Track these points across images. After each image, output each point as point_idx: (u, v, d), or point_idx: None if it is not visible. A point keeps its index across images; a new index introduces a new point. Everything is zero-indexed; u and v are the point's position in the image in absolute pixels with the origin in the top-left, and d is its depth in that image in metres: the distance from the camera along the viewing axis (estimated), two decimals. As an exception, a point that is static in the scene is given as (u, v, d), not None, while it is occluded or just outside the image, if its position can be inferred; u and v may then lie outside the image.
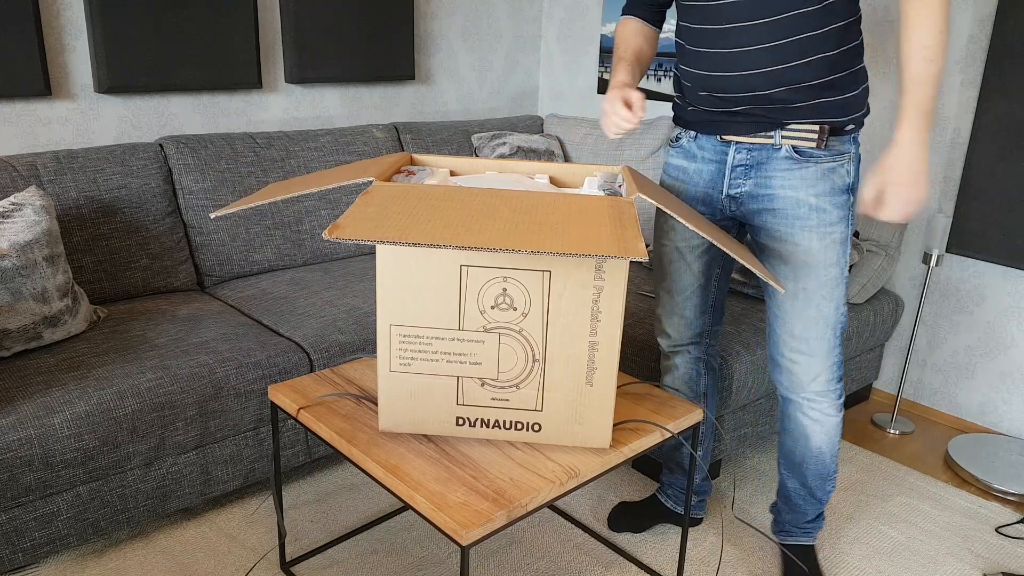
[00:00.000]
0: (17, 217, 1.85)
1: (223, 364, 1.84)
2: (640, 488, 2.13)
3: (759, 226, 1.56)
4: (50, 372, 1.73)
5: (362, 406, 1.53)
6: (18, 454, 1.56)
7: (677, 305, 1.72)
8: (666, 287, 1.72)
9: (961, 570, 1.87)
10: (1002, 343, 2.42)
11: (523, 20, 3.36)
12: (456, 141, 2.93)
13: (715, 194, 1.59)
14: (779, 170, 1.51)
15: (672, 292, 1.72)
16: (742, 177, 1.55)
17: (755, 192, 1.54)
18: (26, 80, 2.17)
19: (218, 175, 2.37)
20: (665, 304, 1.74)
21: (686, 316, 1.72)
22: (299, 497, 2.05)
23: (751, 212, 1.56)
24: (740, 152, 1.54)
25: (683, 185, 1.63)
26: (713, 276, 1.70)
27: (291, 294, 2.26)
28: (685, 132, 1.63)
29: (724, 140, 1.55)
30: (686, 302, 1.71)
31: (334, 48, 2.74)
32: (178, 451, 1.79)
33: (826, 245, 1.51)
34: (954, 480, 2.25)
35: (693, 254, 1.66)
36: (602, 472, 1.40)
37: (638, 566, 1.84)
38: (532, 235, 1.10)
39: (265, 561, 1.80)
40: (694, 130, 1.60)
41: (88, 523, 1.70)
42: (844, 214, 1.51)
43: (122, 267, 2.19)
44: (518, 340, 1.34)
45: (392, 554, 1.85)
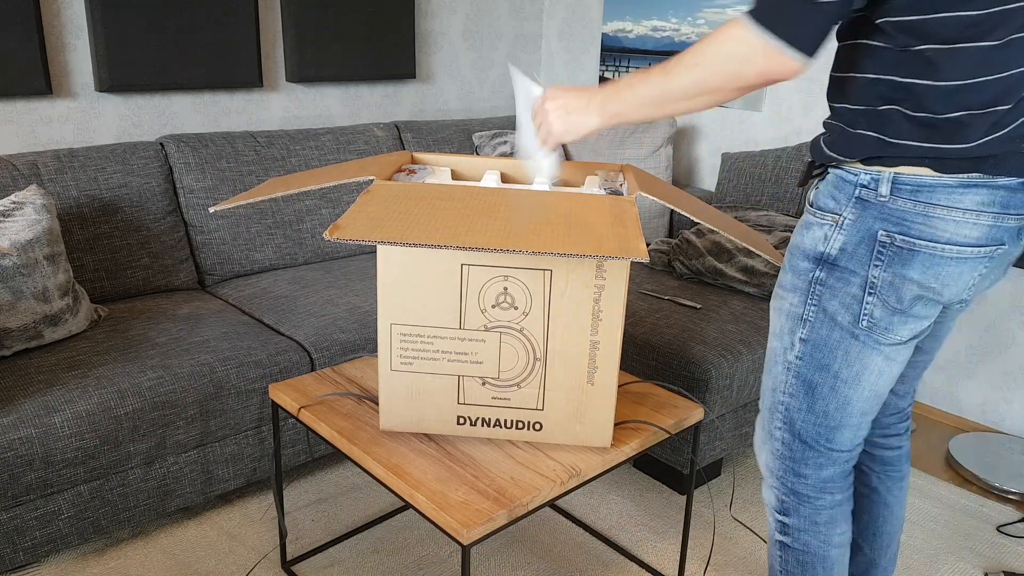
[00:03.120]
0: (18, 216, 1.85)
1: (224, 363, 1.83)
2: (641, 487, 2.13)
3: None
4: (51, 371, 1.73)
5: (363, 405, 1.53)
6: (19, 453, 1.56)
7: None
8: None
9: (962, 569, 1.87)
10: (1003, 342, 2.42)
11: (524, 19, 3.36)
12: (457, 140, 2.93)
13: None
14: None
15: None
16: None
17: None
18: (27, 79, 2.17)
19: (219, 174, 2.37)
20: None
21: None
22: (300, 496, 2.05)
23: None
24: None
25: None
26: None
27: (292, 293, 2.26)
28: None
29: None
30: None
31: (335, 47, 2.74)
32: (179, 450, 1.79)
33: (774, 307, 1.26)
34: (955, 479, 2.25)
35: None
36: (603, 471, 1.39)
37: (639, 565, 1.84)
38: (533, 235, 1.10)
39: (266, 560, 1.80)
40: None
41: (89, 522, 1.70)
42: (801, 286, 1.18)
43: (123, 266, 2.19)
44: (519, 339, 1.34)
45: (393, 553, 1.85)
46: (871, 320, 1.13)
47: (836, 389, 1.20)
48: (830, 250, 1.14)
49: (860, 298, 1.13)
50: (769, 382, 1.28)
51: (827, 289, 1.15)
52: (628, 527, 1.97)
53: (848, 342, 1.16)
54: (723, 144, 2.99)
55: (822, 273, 1.15)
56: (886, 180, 1.07)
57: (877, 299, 1.12)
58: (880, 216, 1.08)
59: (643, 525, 1.98)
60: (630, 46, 3.13)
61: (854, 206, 1.11)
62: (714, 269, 2.34)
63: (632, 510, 2.04)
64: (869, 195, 1.09)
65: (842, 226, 1.12)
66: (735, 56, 1.02)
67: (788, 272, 1.22)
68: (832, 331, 1.17)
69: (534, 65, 3.46)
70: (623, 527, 1.97)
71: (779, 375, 1.25)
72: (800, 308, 1.19)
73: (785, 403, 1.26)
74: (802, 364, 1.21)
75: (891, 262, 1.08)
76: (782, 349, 1.24)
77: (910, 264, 1.08)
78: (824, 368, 1.20)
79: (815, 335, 1.19)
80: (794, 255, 1.20)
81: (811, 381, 1.21)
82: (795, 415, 1.25)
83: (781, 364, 1.25)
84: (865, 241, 1.10)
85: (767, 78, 1.02)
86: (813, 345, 1.19)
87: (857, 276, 1.12)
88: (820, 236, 1.15)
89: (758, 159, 2.66)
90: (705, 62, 1.04)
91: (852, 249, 1.12)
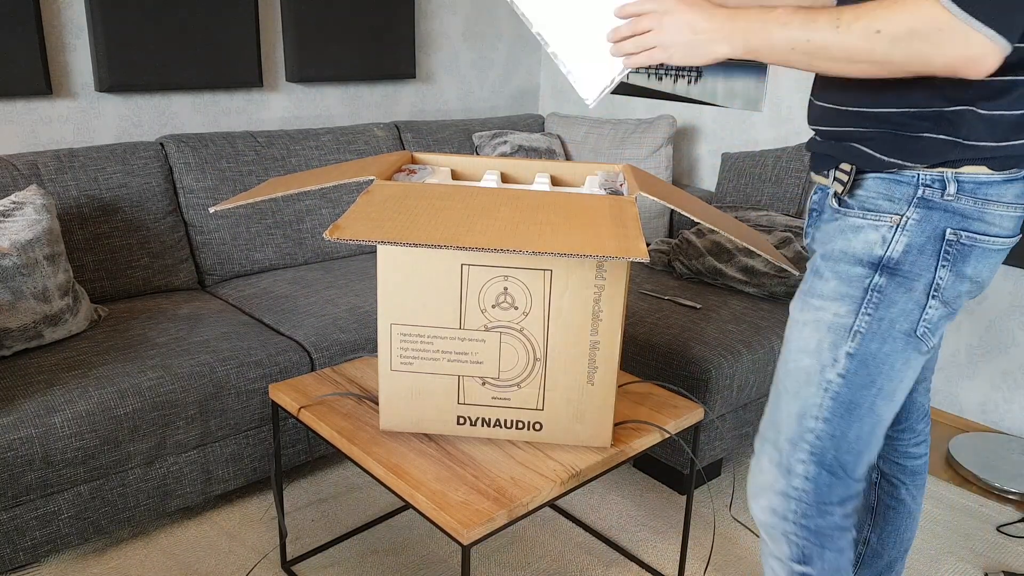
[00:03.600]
0: (18, 216, 1.85)
1: (224, 363, 1.83)
2: (642, 487, 2.13)
3: None
4: (51, 371, 1.73)
5: (363, 405, 1.53)
6: (19, 453, 1.56)
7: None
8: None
9: (962, 569, 1.87)
10: (1003, 342, 2.42)
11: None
12: (457, 140, 2.93)
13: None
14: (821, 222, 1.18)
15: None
16: (810, 226, 1.23)
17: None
18: (27, 79, 2.17)
19: (219, 174, 2.37)
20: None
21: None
22: (300, 496, 2.05)
23: None
24: (815, 194, 1.22)
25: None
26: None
27: (292, 293, 2.25)
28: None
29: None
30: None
31: (335, 47, 2.74)
32: (179, 450, 1.79)
33: (804, 320, 1.12)
34: (955, 479, 2.25)
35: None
36: (603, 471, 1.39)
37: (639, 565, 1.84)
38: (533, 235, 1.10)
39: (266, 560, 1.80)
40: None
41: (89, 522, 1.70)
42: (852, 293, 1.07)
43: (123, 266, 2.19)
44: (519, 339, 1.34)
45: (393, 553, 1.85)
46: (927, 326, 1.06)
47: (874, 407, 1.10)
48: (892, 252, 1.04)
49: (923, 303, 1.05)
50: (794, 407, 1.12)
51: (886, 297, 1.05)
52: (628, 527, 1.97)
53: (896, 354, 1.07)
54: (723, 144, 2.99)
55: (881, 279, 1.05)
56: (951, 179, 1.02)
57: (939, 301, 1.05)
58: (945, 215, 1.03)
59: (643, 525, 1.98)
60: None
61: (917, 206, 1.03)
62: (714, 269, 2.34)
63: (632, 510, 2.04)
64: (934, 195, 1.03)
65: (905, 227, 1.04)
66: (924, 36, 0.89)
67: (830, 279, 1.09)
68: (885, 343, 1.06)
69: (534, 66, 3.46)
70: (623, 527, 1.97)
71: (811, 397, 1.11)
72: (850, 319, 1.07)
73: (817, 431, 1.11)
74: (844, 383, 1.09)
75: (955, 260, 1.04)
76: (819, 367, 1.10)
77: (967, 260, 1.04)
78: (868, 386, 1.08)
79: (865, 348, 1.07)
80: (839, 261, 1.09)
81: (852, 401, 1.09)
82: (827, 443, 1.11)
83: (816, 384, 1.10)
84: (932, 241, 1.03)
85: (955, 70, 0.91)
86: (861, 360, 1.07)
87: (921, 279, 1.04)
88: (876, 239, 1.05)
89: (758, 159, 2.66)
90: (888, 32, 0.91)
91: (918, 251, 1.04)
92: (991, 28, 0.86)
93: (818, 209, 1.18)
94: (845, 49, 0.95)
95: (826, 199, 1.15)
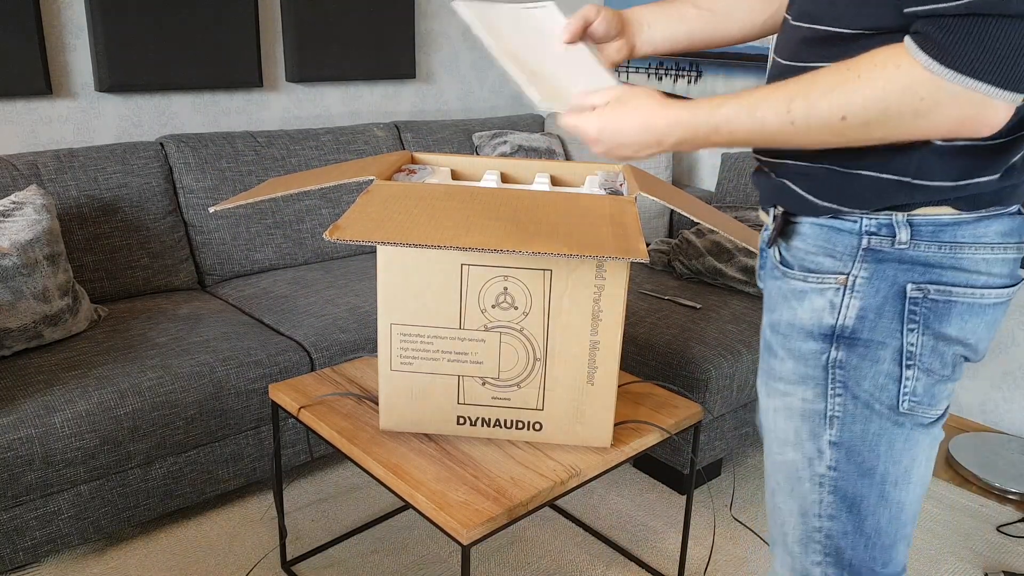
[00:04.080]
0: (18, 216, 1.85)
1: (224, 363, 1.83)
2: (642, 487, 2.13)
3: None
4: (51, 371, 1.73)
5: (363, 405, 1.53)
6: (19, 453, 1.56)
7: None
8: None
9: (962, 569, 1.87)
10: (1003, 342, 2.42)
11: (524, 19, 3.35)
12: (457, 140, 2.93)
13: None
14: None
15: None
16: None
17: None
18: (27, 79, 2.17)
19: (219, 174, 2.37)
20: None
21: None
22: (300, 496, 2.05)
23: None
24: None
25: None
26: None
27: (292, 293, 2.26)
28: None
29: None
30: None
31: (335, 47, 2.74)
32: (179, 450, 1.79)
33: (774, 408, 0.97)
34: (955, 479, 2.25)
35: None
36: (603, 471, 1.39)
37: (639, 565, 1.84)
38: (533, 235, 1.10)
39: (266, 560, 1.80)
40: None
41: (89, 522, 1.70)
42: (813, 374, 0.92)
43: (123, 266, 2.19)
44: (519, 339, 1.34)
45: (393, 553, 1.85)
46: (912, 399, 0.89)
47: (886, 496, 0.93)
48: (844, 320, 0.88)
49: (896, 375, 0.88)
50: (793, 506, 0.98)
51: (850, 372, 0.89)
52: (628, 527, 1.97)
53: (891, 433, 0.90)
54: (723, 144, 2.99)
55: (839, 353, 0.89)
56: (902, 224, 0.84)
57: (918, 371, 0.88)
58: (902, 267, 0.85)
59: (643, 525, 1.98)
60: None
61: (864, 259, 0.86)
62: (714, 269, 2.34)
63: (632, 510, 2.04)
64: (882, 243, 0.85)
65: (854, 287, 0.87)
66: (906, 112, 0.75)
67: (786, 359, 0.94)
68: (869, 424, 0.90)
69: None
70: (623, 527, 1.97)
71: (808, 495, 0.96)
72: (819, 403, 0.92)
73: (825, 529, 0.96)
74: (839, 476, 0.93)
75: (928, 321, 0.86)
76: (805, 461, 0.95)
77: (947, 319, 0.86)
78: (868, 473, 0.92)
79: (848, 435, 0.91)
80: (788, 336, 0.93)
81: (855, 495, 0.93)
82: (841, 542, 0.95)
83: (809, 480, 0.95)
84: (890, 300, 0.86)
85: (956, 134, 0.76)
86: (849, 449, 0.92)
87: (887, 348, 0.87)
88: (823, 305, 0.89)
89: (758, 159, 2.66)
90: (855, 118, 0.77)
91: (875, 315, 0.87)
92: (991, 84, 0.71)
93: (764, 256, 1.02)
94: (809, 142, 0.81)
95: (767, 248, 0.98)
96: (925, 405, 0.90)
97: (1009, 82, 0.71)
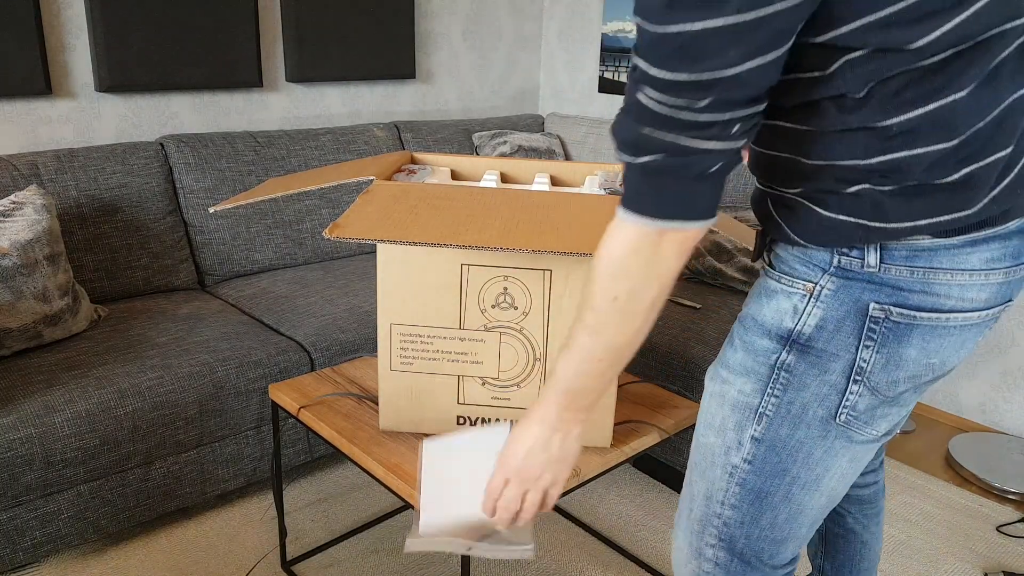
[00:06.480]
0: (18, 216, 1.85)
1: (224, 363, 1.83)
2: (642, 487, 2.13)
3: None
4: (51, 371, 1.73)
5: (363, 405, 1.53)
6: (19, 453, 1.56)
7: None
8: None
9: (962, 569, 1.87)
10: (1003, 342, 2.42)
11: (524, 19, 3.36)
12: (457, 140, 2.93)
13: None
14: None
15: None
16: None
17: None
18: (27, 79, 2.17)
19: (219, 174, 2.37)
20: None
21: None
22: (300, 496, 2.05)
23: None
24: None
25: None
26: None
27: (292, 293, 2.26)
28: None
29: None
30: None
31: (335, 47, 2.74)
32: (179, 450, 1.79)
33: (713, 391, 0.99)
34: (955, 479, 2.25)
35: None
36: (603, 471, 1.39)
37: (638, 565, 1.84)
38: (533, 234, 1.10)
39: (266, 560, 1.80)
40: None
41: (89, 522, 1.70)
42: (758, 370, 0.93)
43: (123, 266, 2.19)
44: (519, 339, 1.34)
45: (393, 553, 1.85)
46: (851, 414, 0.90)
47: (790, 496, 0.96)
48: (803, 327, 0.88)
49: (842, 388, 0.88)
50: (702, 487, 1.01)
51: (795, 378, 0.90)
52: (628, 527, 1.97)
53: (814, 442, 0.92)
54: (723, 144, 2.99)
55: (790, 357, 0.90)
56: (872, 250, 0.84)
57: (864, 387, 0.88)
58: (869, 286, 0.85)
59: (643, 525, 1.98)
60: (630, 46, 3.13)
61: (834, 274, 0.87)
62: (714, 269, 2.34)
63: (632, 510, 2.04)
64: (852, 264, 0.85)
65: (819, 297, 0.87)
66: (640, 263, 0.81)
67: (738, 349, 0.95)
68: (796, 429, 0.91)
69: (534, 66, 3.46)
70: (623, 527, 1.97)
71: (717, 481, 0.98)
72: (755, 399, 0.93)
73: (724, 516, 0.99)
74: (751, 470, 0.95)
75: (885, 340, 0.85)
76: (723, 448, 0.97)
77: (907, 340, 0.85)
78: (780, 474, 0.94)
79: (773, 434, 0.93)
80: (749, 329, 0.94)
81: (761, 490, 0.96)
82: (736, 531, 0.99)
83: (721, 467, 0.98)
84: (851, 316, 0.86)
85: (685, 257, 0.83)
86: (769, 447, 0.93)
87: (839, 360, 0.87)
88: (788, 308, 0.90)
89: (758, 159, 2.66)
90: (621, 291, 0.83)
91: (834, 327, 0.87)
92: (678, 220, 0.79)
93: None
94: (616, 336, 0.85)
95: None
96: (861, 423, 0.91)
97: (690, 214, 0.79)
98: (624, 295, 0.83)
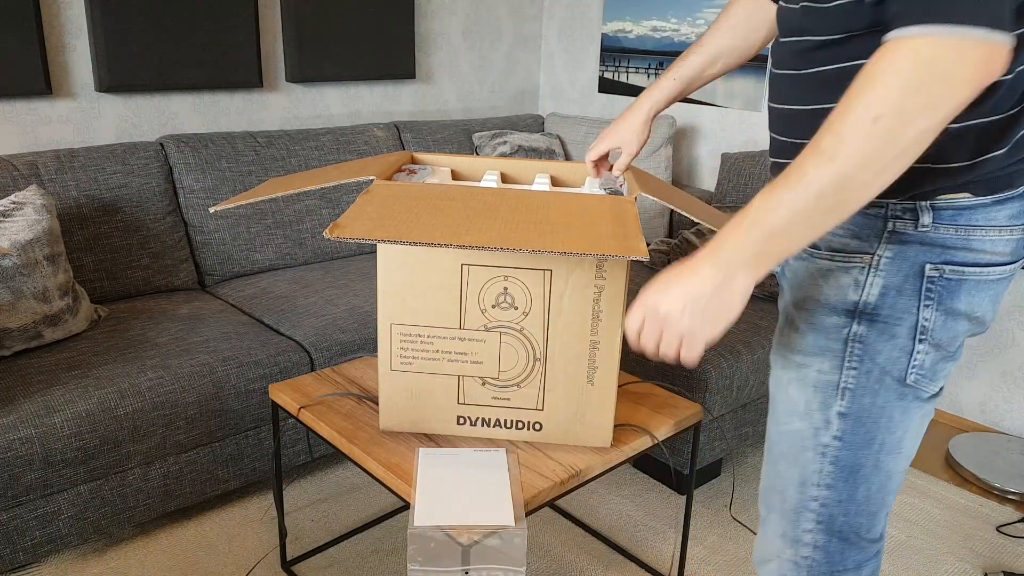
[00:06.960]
0: (18, 216, 1.85)
1: (224, 363, 1.83)
2: (641, 487, 2.13)
3: None
4: (51, 371, 1.73)
5: (363, 405, 1.53)
6: (19, 453, 1.56)
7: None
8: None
9: (962, 569, 1.87)
10: (1003, 343, 2.42)
11: (524, 19, 3.36)
12: (457, 140, 2.93)
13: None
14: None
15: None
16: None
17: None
18: (27, 79, 2.17)
19: (219, 174, 2.37)
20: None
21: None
22: (300, 496, 2.05)
23: None
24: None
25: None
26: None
27: (292, 293, 2.26)
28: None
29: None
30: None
31: (335, 47, 2.74)
32: (179, 450, 1.79)
33: (787, 379, 1.03)
34: (955, 479, 2.25)
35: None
36: (603, 471, 1.39)
37: (638, 565, 1.84)
38: (533, 234, 1.10)
39: (266, 560, 1.80)
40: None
41: (89, 522, 1.70)
42: (832, 347, 0.97)
43: (123, 266, 2.19)
44: (519, 339, 1.34)
45: (393, 553, 1.85)
46: (919, 372, 0.95)
47: (879, 464, 1.00)
48: (868, 297, 0.94)
49: (909, 349, 0.94)
50: (794, 474, 1.03)
51: (868, 346, 0.95)
52: (628, 527, 1.97)
53: (893, 405, 0.97)
54: (723, 144, 2.99)
55: (860, 327, 0.95)
56: (926, 208, 0.90)
57: (928, 345, 0.94)
58: (922, 248, 0.91)
59: (643, 525, 1.98)
60: (630, 46, 3.13)
61: (889, 241, 0.92)
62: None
63: (632, 510, 2.04)
64: (906, 227, 0.91)
65: (878, 266, 0.93)
66: (923, 81, 0.73)
67: (806, 332, 0.99)
68: (877, 396, 0.96)
69: (534, 66, 3.46)
70: (623, 527, 1.97)
71: (810, 463, 1.01)
72: (835, 375, 0.97)
73: (821, 498, 1.02)
74: (842, 445, 0.99)
75: (941, 298, 0.92)
76: (812, 430, 1.00)
77: (958, 296, 0.92)
78: (869, 443, 0.98)
79: (857, 406, 0.97)
80: (812, 311, 0.98)
81: (854, 463, 0.99)
82: (834, 509, 1.01)
83: (812, 450, 1.00)
84: (911, 279, 0.92)
85: (978, 87, 0.75)
86: (855, 419, 0.97)
87: (904, 323, 0.93)
88: (848, 282, 0.94)
89: (758, 159, 2.66)
90: (885, 111, 0.74)
91: (896, 292, 0.92)
92: (979, 26, 0.72)
93: None
94: (856, 170, 0.77)
95: None
96: (927, 379, 0.96)
97: (993, 22, 0.72)
98: (890, 115, 0.74)
